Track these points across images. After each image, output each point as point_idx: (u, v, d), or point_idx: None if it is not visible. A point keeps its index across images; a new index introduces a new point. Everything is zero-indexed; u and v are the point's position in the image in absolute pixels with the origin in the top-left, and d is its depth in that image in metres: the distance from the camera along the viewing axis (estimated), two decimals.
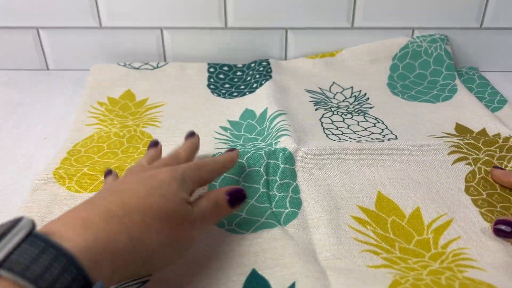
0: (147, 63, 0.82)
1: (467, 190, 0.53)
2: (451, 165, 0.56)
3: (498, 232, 0.47)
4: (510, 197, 0.52)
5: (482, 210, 0.50)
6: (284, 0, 0.78)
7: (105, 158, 0.59)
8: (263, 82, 0.75)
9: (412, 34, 0.81)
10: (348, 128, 0.64)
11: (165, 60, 0.84)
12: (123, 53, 0.83)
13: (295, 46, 0.83)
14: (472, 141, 0.58)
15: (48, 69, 0.85)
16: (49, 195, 0.52)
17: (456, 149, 0.57)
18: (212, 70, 0.81)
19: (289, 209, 0.50)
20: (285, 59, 0.84)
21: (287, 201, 0.51)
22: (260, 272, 0.43)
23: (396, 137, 0.61)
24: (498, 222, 0.47)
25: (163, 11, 0.79)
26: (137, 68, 0.80)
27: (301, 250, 0.44)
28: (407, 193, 0.52)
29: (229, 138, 0.63)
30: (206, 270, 0.43)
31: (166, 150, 0.56)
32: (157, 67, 0.81)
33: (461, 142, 0.58)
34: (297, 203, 0.51)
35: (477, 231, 0.47)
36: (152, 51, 0.83)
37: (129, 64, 0.81)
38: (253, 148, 0.57)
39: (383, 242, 0.46)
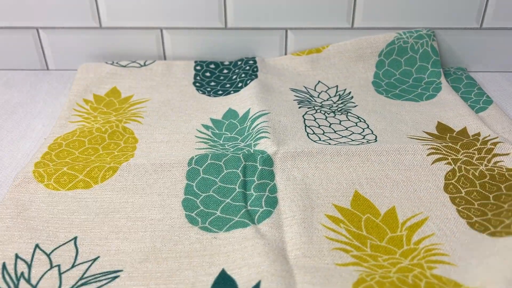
0: (134, 61, 0.81)
1: (446, 188, 0.53)
2: (431, 164, 0.56)
3: None
4: (489, 194, 0.52)
5: (460, 208, 0.50)
6: (284, 0, 0.78)
7: (85, 154, 0.59)
8: (248, 81, 0.74)
9: None
10: (329, 127, 0.64)
11: (165, 60, 0.84)
12: (123, 54, 0.83)
13: (295, 46, 0.82)
14: (450, 144, 0.58)
15: (48, 69, 0.85)
16: (27, 193, 0.52)
17: (434, 150, 0.57)
18: (198, 68, 0.81)
19: (264, 208, 0.50)
20: None
21: (263, 200, 0.51)
22: (228, 272, 0.43)
23: (376, 138, 0.62)
24: None
25: (163, 11, 0.79)
26: (124, 66, 0.80)
27: (270, 249, 0.44)
28: (383, 192, 0.52)
29: (209, 137, 0.63)
30: (176, 268, 0.43)
31: (146, 146, 0.59)
32: (144, 65, 0.81)
33: (439, 145, 0.58)
34: (272, 202, 0.51)
35: (452, 228, 0.48)
36: (152, 51, 0.83)
37: (117, 63, 0.81)
38: (232, 150, 0.58)
39: (354, 239, 0.46)
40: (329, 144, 0.59)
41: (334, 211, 0.50)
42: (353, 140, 0.61)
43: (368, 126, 0.65)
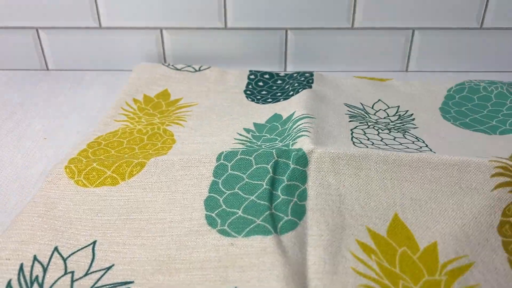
0: (189, 66, 0.81)
1: (500, 228, 0.44)
2: (491, 190, 0.47)
3: None
4: None
5: (511, 257, 0.43)
6: (284, 0, 0.78)
7: (121, 153, 0.58)
8: (300, 90, 0.71)
9: (412, 34, 0.81)
10: (381, 141, 0.56)
11: (165, 60, 0.84)
12: (123, 54, 0.83)
13: (295, 46, 0.82)
14: None
15: (48, 69, 0.85)
16: (58, 190, 0.52)
17: (502, 171, 0.48)
18: (252, 77, 0.80)
19: (290, 217, 0.46)
20: (285, 59, 0.84)
21: (290, 207, 0.47)
22: None
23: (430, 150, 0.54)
24: None
25: (163, 12, 0.79)
26: (179, 70, 0.80)
27: (290, 273, 0.40)
28: (426, 221, 0.45)
29: (248, 139, 0.61)
30: (188, 282, 0.42)
31: (181, 146, 0.59)
32: (199, 70, 0.80)
33: (510, 163, 0.48)
34: (300, 212, 0.46)
35: (501, 282, 0.40)
36: (152, 52, 0.83)
37: (172, 65, 0.80)
38: (266, 146, 0.55)
39: (385, 277, 0.41)
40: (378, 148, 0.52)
41: (367, 237, 0.44)
42: (407, 148, 0.54)
43: (427, 145, 0.56)
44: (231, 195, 0.49)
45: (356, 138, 0.56)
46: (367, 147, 0.53)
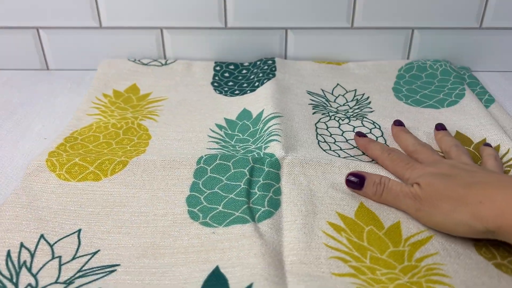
0: (156, 60, 0.83)
1: None
2: None
3: (348, 183, 0.52)
4: None
5: None
6: (284, 0, 0.78)
7: (99, 148, 0.60)
8: (265, 81, 0.75)
9: (412, 34, 0.81)
10: (341, 135, 0.64)
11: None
12: (123, 53, 0.83)
13: (295, 46, 0.82)
14: None
15: (48, 69, 0.85)
16: (39, 183, 0.54)
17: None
18: (218, 68, 0.82)
19: (266, 208, 0.50)
20: (285, 59, 0.84)
21: (266, 200, 0.51)
22: (222, 270, 0.43)
23: None
24: (349, 174, 0.52)
25: (163, 11, 0.79)
26: (146, 64, 0.82)
27: (267, 251, 0.44)
28: (389, 208, 0.50)
29: (222, 138, 0.64)
30: (172, 264, 0.44)
31: (158, 143, 0.62)
32: (165, 64, 0.82)
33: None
34: (275, 204, 0.51)
35: (458, 249, 0.45)
36: (152, 51, 0.83)
37: (138, 60, 0.82)
38: (242, 152, 0.59)
39: (354, 249, 0.45)
40: (339, 156, 0.59)
41: (337, 219, 0.49)
42: (364, 154, 0.60)
43: (382, 134, 0.64)
44: (211, 194, 0.52)
45: (320, 135, 0.63)
46: (330, 148, 0.61)
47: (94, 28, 0.81)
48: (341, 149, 0.60)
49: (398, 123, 0.63)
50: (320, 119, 0.67)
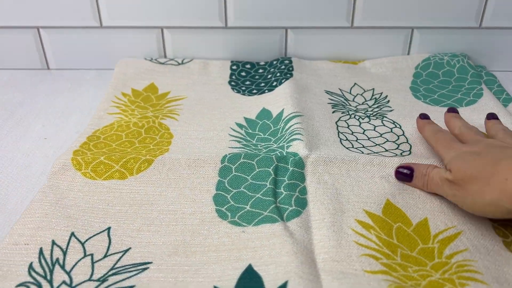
0: (172, 59, 0.83)
1: None
2: None
3: (398, 176, 0.53)
4: None
5: (496, 224, 0.48)
6: None
7: (122, 147, 0.61)
8: (283, 80, 0.75)
9: (412, 34, 0.81)
10: (363, 133, 0.64)
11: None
12: (124, 53, 0.83)
13: (295, 45, 0.82)
14: None
15: (48, 68, 0.85)
16: (65, 181, 0.55)
17: None
18: (234, 67, 0.82)
19: (294, 207, 0.50)
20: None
21: (293, 199, 0.51)
22: (255, 268, 0.43)
23: (410, 148, 0.61)
24: (399, 166, 0.53)
25: (164, 11, 0.79)
26: (163, 64, 0.82)
27: (299, 250, 0.44)
28: (416, 203, 0.51)
29: (243, 136, 0.64)
30: (204, 262, 0.45)
31: (181, 142, 0.63)
32: (182, 63, 0.83)
33: None
34: (302, 203, 0.51)
35: (487, 245, 0.46)
36: (152, 51, 0.83)
37: (155, 59, 0.83)
38: (264, 151, 0.59)
39: (385, 247, 0.46)
40: (362, 152, 0.59)
41: (365, 217, 0.49)
42: (387, 150, 0.60)
43: (403, 133, 0.64)
44: (238, 193, 0.53)
45: (341, 133, 0.64)
46: (353, 145, 0.61)
47: (94, 27, 0.81)
48: (363, 147, 0.61)
49: (450, 113, 0.61)
50: (340, 117, 0.67)
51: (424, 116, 0.62)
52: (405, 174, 0.53)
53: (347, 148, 0.60)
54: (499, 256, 0.45)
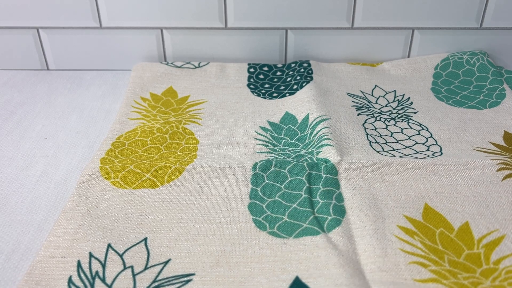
0: (188, 63, 0.82)
1: None
2: (501, 180, 0.54)
3: None
4: None
5: None
6: (284, 0, 0.78)
7: (149, 153, 0.60)
8: (303, 84, 0.74)
9: (412, 34, 0.80)
10: (391, 136, 0.63)
11: (165, 60, 0.84)
12: (124, 54, 0.83)
13: (295, 46, 0.82)
14: None
15: (48, 69, 0.85)
16: (94, 190, 0.53)
17: (504, 166, 0.55)
18: (252, 70, 0.81)
19: (333, 216, 0.49)
20: (285, 59, 0.84)
21: (331, 208, 0.50)
22: (303, 280, 0.42)
23: (440, 149, 0.60)
24: None
25: (163, 12, 0.79)
26: (179, 67, 0.81)
27: (345, 261, 0.44)
28: (454, 207, 0.50)
29: (269, 140, 0.63)
30: (248, 274, 0.44)
31: (207, 147, 0.62)
32: (199, 66, 0.82)
33: (509, 159, 0.56)
34: (340, 211, 0.50)
35: None
36: (152, 51, 0.83)
37: (172, 63, 0.82)
38: (294, 157, 0.58)
39: (431, 253, 0.45)
40: (394, 156, 0.58)
41: (406, 222, 0.48)
42: (418, 152, 0.60)
43: (431, 135, 0.64)
44: (273, 202, 0.52)
45: (370, 135, 0.63)
46: (383, 148, 0.60)
47: (94, 28, 0.81)
48: (393, 150, 0.60)
49: None
50: (366, 120, 0.67)
51: None
52: None
53: (377, 151, 0.59)
54: None
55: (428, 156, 0.58)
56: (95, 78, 0.82)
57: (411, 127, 0.65)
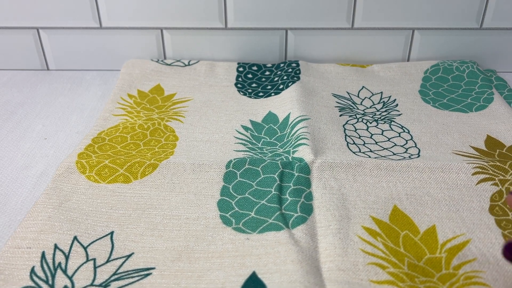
0: (179, 60, 0.83)
1: (491, 209, 0.50)
2: (476, 184, 0.54)
3: (507, 254, 0.39)
4: None
5: (506, 232, 0.47)
6: (284, 0, 0.78)
7: (127, 149, 0.61)
8: (289, 84, 0.75)
9: (412, 35, 0.80)
10: (370, 137, 0.63)
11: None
12: (124, 54, 0.83)
13: (295, 46, 0.82)
14: (498, 163, 0.56)
15: (48, 69, 0.85)
16: (69, 184, 0.54)
17: (480, 170, 0.55)
18: (241, 69, 0.82)
19: (299, 214, 0.50)
20: (285, 59, 0.84)
21: (298, 205, 0.51)
22: (259, 276, 0.43)
23: (419, 152, 0.60)
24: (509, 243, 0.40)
25: (163, 12, 0.79)
26: (169, 65, 0.82)
27: (304, 258, 0.44)
28: (424, 210, 0.50)
29: (248, 139, 0.64)
30: (207, 268, 0.44)
31: (186, 144, 0.62)
32: (188, 64, 0.82)
33: (485, 164, 0.56)
34: (308, 209, 0.51)
35: (496, 254, 0.45)
36: (152, 52, 0.83)
37: (162, 61, 0.82)
38: (270, 156, 0.58)
39: (392, 255, 0.45)
40: (369, 156, 0.58)
41: (371, 223, 0.49)
42: (395, 154, 0.60)
43: (411, 137, 0.64)
44: (243, 199, 0.53)
45: (349, 136, 0.63)
46: (360, 150, 0.60)
47: (94, 28, 0.81)
48: (371, 151, 0.60)
49: None
50: (347, 121, 0.67)
51: None
52: None
53: (354, 152, 0.59)
54: (508, 266, 0.44)
55: (405, 158, 0.58)
56: (95, 78, 0.82)
57: (392, 129, 0.65)
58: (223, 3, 0.78)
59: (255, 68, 0.82)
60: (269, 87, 0.77)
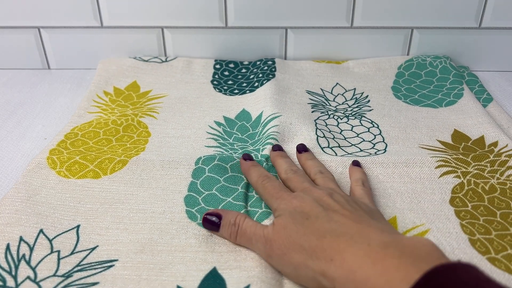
0: (156, 57, 0.83)
1: (452, 201, 0.52)
2: (438, 177, 0.55)
3: (206, 224, 0.47)
4: (496, 210, 0.50)
5: (463, 222, 0.49)
6: None
7: (99, 145, 0.62)
8: (264, 81, 0.76)
9: (411, 34, 0.80)
10: (340, 133, 0.64)
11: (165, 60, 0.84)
12: (124, 53, 0.83)
13: (295, 45, 0.82)
14: (461, 156, 0.57)
15: (49, 68, 0.85)
16: (39, 179, 0.55)
17: (443, 163, 0.57)
18: (218, 66, 0.83)
19: (264, 209, 0.50)
20: (285, 58, 0.84)
21: (263, 202, 0.51)
22: (219, 271, 0.44)
23: (385, 147, 0.61)
24: (207, 213, 0.47)
25: (164, 11, 0.79)
26: (146, 61, 0.82)
27: None
28: (386, 202, 0.52)
29: (220, 134, 0.65)
30: (169, 261, 0.45)
31: (158, 140, 0.63)
32: (166, 61, 0.83)
33: (449, 157, 0.57)
34: None
35: (452, 243, 0.46)
36: (153, 51, 0.83)
37: (139, 57, 0.83)
38: (240, 152, 0.60)
39: None
40: (336, 154, 0.59)
41: None
42: (362, 150, 0.61)
43: (380, 132, 0.65)
44: (209, 195, 0.53)
45: (320, 130, 0.64)
46: (329, 144, 0.61)
47: (95, 27, 0.81)
48: (339, 146, 0.61)
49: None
50: (319, 117, 0.68)
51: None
52: (212, 223, 0.47)
53: (322, 148, 0.60)
54: (463, 254, 0.45)
55: (371, 154, 0.59)
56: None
57: (362, 125, 0.67)
58: (223, 2, 0.79)
59: (232, 65, 0.83)
60: (244, 84, 0.77)
